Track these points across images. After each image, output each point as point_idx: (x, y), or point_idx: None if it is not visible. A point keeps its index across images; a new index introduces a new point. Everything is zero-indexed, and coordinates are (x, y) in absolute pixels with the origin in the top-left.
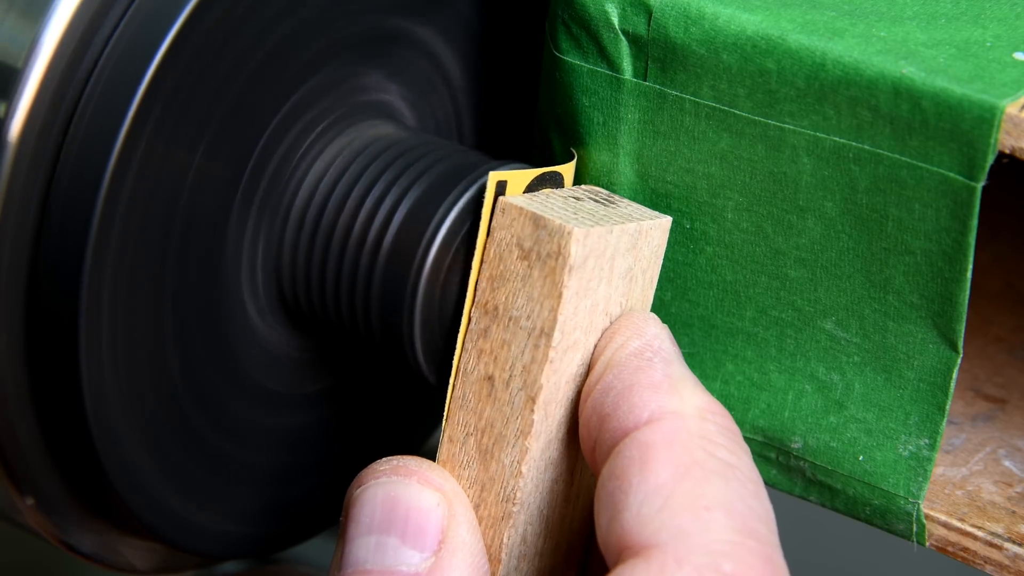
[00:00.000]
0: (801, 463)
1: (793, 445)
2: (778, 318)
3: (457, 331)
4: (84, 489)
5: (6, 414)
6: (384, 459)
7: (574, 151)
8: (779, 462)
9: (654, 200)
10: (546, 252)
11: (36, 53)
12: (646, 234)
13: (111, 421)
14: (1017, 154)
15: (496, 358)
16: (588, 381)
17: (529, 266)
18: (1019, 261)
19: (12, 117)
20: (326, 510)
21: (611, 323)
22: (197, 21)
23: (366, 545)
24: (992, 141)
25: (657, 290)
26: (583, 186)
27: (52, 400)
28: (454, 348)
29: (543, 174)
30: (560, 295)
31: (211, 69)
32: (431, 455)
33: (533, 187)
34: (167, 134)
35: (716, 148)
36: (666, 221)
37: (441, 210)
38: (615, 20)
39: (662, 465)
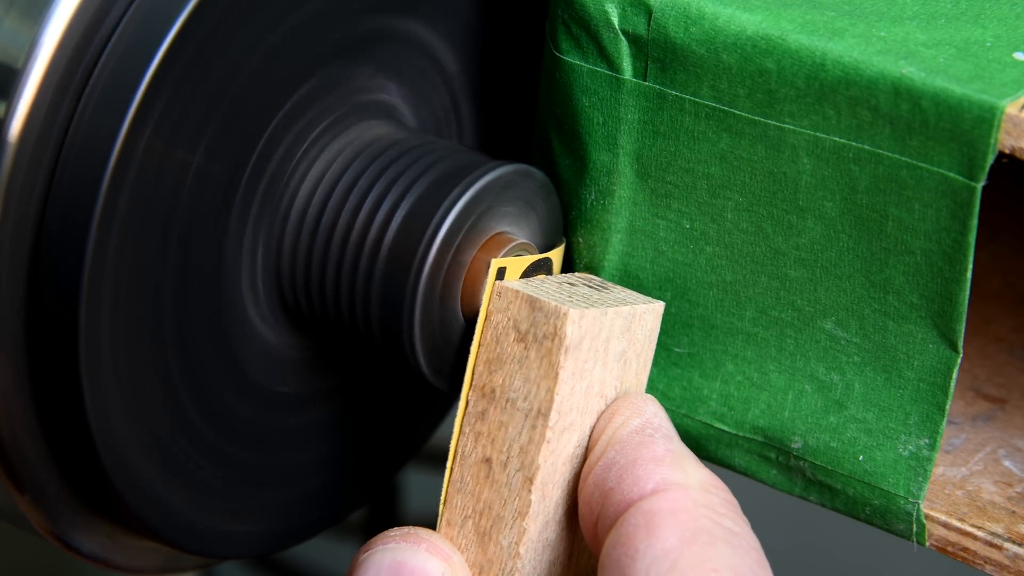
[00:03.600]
0: (801, 463)
1: (793, 445)
2: (778, 318)
3: (459, 335)
4: (84, 489)
5: (6, 414)
6: (395, 528)
7: (564, 238)
8: (779, 462)
9: (654, 200)
10: (542, 334)
11: (36, 53)
12: (640, 318)
13: (111, 420)
14: (1017, 154)
15: (494, 440)
16: (589, 459)
17: (526, 348)
18: (1019, 261)
19: (12, 117)
20: (326, 510)
21: (607, 405)
22: (197, 21)
23: None
24: (992, 141)
25: (657, 290)
26: (576, 273)
27: (52, 400)
28: (455, 348)
29: (537, 260)
30: (557, 375)
31: (211, 69)
32: (428, 456)
33: (529, 272)
34: (167, 134)
35: (716, 148)
36: (659, 306)
37: (441, 210)
38: (615, 20)
39: (669, 531)
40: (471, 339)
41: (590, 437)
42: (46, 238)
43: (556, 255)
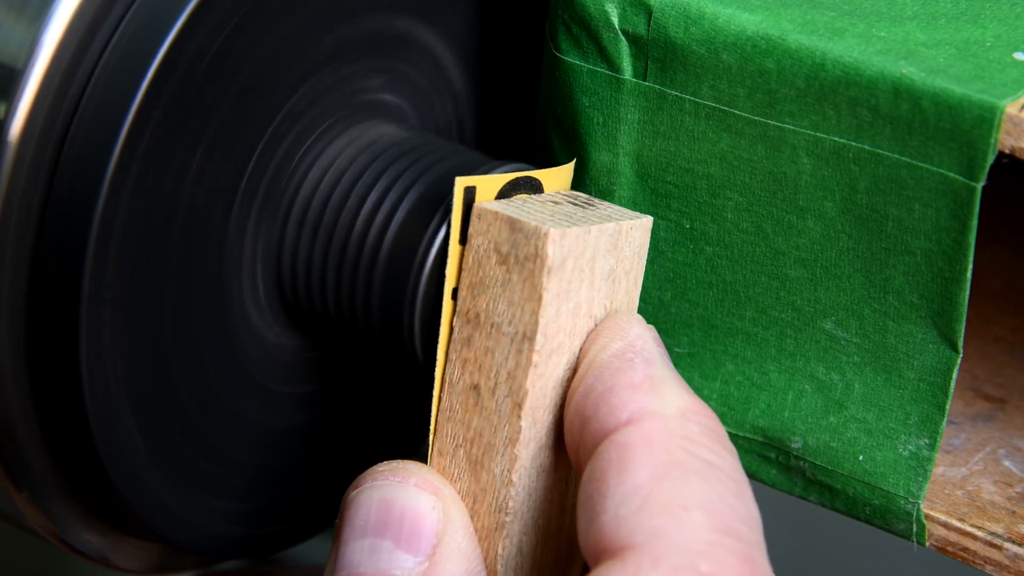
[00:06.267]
0: (801, 463)
1: (793, 445)
2: (778, 318)
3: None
4: (84, 488)
5: (6, 414)
6: (383, 463)
7: (574, 154)
8: (779, 462)
9: (654, 200)
10: (524, 255)
11: (36, 53)
12: (626, 234)
13: (111, 420)
14: (1017, 154)
15: (481, 366)
16: (572, 384)
17: (508, 271)
18: (1019, 261)
19: (12, 117)
20: (326, 509)
21: (595, 325)
22: (198, 21)
23: (360, 548)
24: (992, 141)
25: (657, 290)
26: (562, 191)
27: (53, 400)
28: None
29: (517, 179)
30: (540, 298)
31: (212, 69)
32: (427, 456)
33: (505, 192)
34: (168, 135)
35: (716, 148)
36: (647, 221)
37: (441, 210)
38: (615, 20)
39: (640, 466)
40: None
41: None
42: (47, 238)
43: (560, 174)
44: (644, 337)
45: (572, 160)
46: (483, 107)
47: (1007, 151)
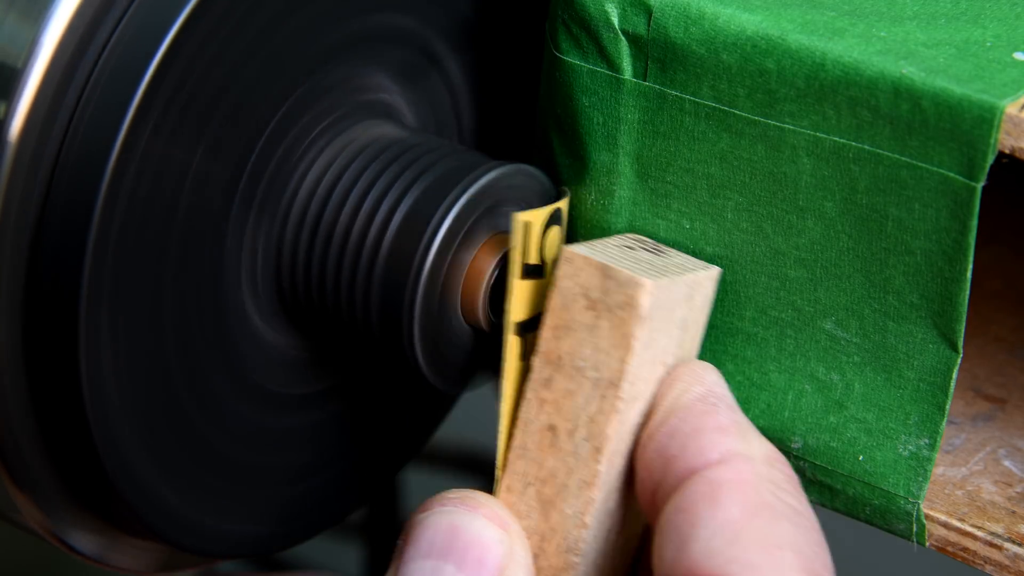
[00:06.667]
0: (801, 463)
1: (793, 445)
2: (778, 318)
3: (459, 334)
4: (84, 488)
5: (5, 414)
6: (453, 490)
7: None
8: None
9: (654, 200)
10: (615, 303)
11: (36, 53)
12: (700, 285)
13: (111, 421)
14: (1017, 154)
15: (559, 408)
16: (649, 426)
17: (597, 316)
18: (1019, 261)
19: (12, 117)
20: (327, 510)
21: (666, 372)
22: (197, 21)
23: (422, 568)
24: (992, 141)
25: None
26: (628, 235)
27: (52, 399)
28: (454, 348)
29: (554, 211)
30: (630, 346)
31: (211, 69)
32: (428, 456)
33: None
34: (167, 134)
35: (716, 148)
36: (715, 272)
37: (441, 210)
38: (615, 20)
39: (733, 502)
40: (472, 340)
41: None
42: (46, 238)
43: (563, 205)
44: (721, 384)
45: (567, 196)
46: (482, 106)
47: (1007, 151)
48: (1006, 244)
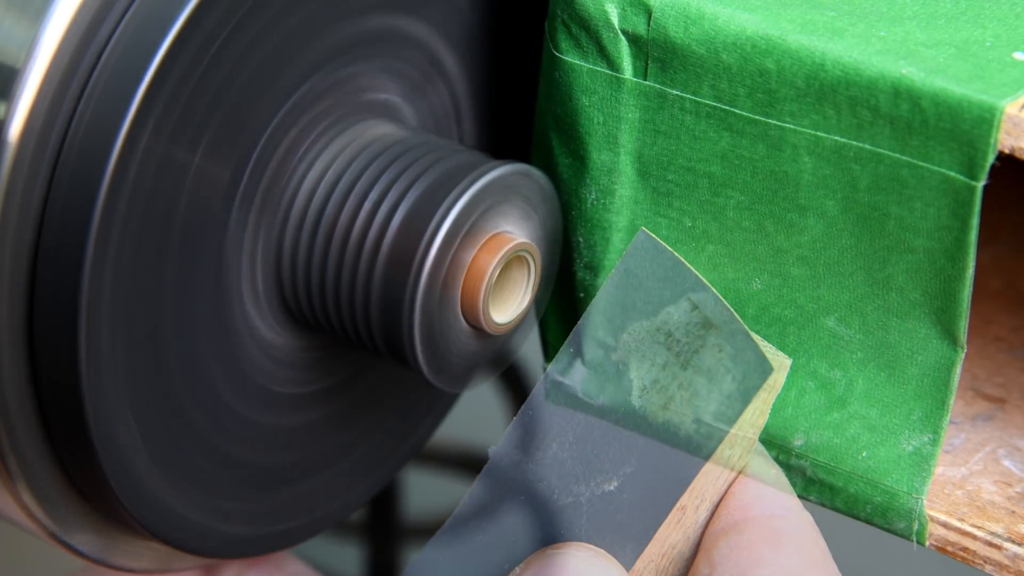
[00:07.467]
0: (802, 461)
1: (795, 442)
2: (780, 316)
3: (459, 335)
4: (84, 488)
5: (5, 414)
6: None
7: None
8: (779, 460)
9: (655, 198)
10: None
11: (36, 53)
12: (780, 372)
13: (111, 420)
14: (1017, 154)
15: (692, 490)
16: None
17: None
18: (1019, 261)
19: (12, 117)
20: (327, 510)
21: None
22: (197, 21)
23: None
24: (992, 141)
25: None
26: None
27: (52, 399)
28: (454, 348)
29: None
30: (765, 419)
31: (211, 69)
32: (428, 456)
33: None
34: (167, 134)
35: (717, 147)
36: (787, 362)
37: (441, 210)
38: (615, 20)
39: (793, 550)
40: (472, 340)
41: None
42: (46, 238)
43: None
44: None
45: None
46: (482, 106)
47: (1007, 151)
48: (1006, 244)
